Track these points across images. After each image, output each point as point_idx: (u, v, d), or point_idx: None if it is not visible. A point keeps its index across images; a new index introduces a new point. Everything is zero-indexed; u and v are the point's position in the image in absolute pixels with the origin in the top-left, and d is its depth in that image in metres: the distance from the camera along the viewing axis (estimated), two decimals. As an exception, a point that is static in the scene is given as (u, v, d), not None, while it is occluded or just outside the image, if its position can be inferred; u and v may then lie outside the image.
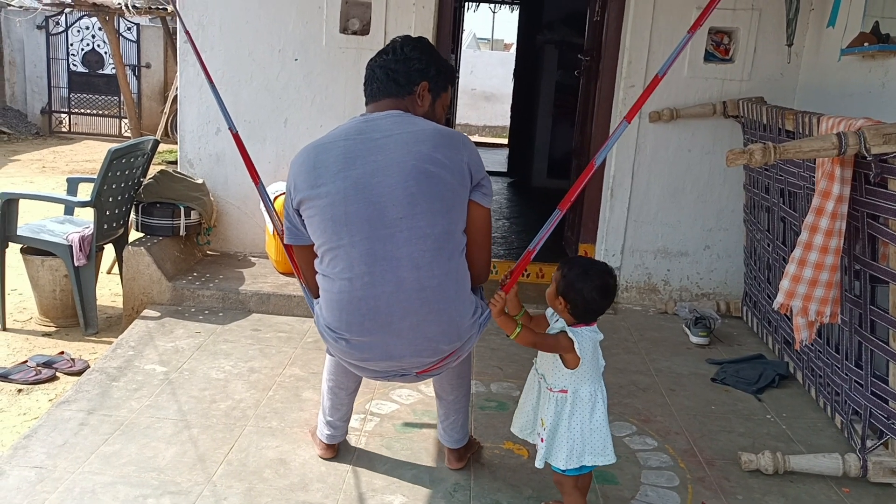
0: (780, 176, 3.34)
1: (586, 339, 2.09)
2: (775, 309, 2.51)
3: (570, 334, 2.08)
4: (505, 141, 11.77)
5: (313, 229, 2.13)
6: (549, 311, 2.21)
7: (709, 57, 4.16)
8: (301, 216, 2.16)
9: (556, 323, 2.13)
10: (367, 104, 2.27)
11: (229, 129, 2.59)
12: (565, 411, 2.11)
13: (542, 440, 2.15)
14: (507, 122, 10.66)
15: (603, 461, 2.14)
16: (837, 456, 2.64)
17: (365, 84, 2.26)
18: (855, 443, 2.74)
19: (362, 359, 2.19)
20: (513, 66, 9.44)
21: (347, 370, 2.40)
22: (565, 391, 2.12)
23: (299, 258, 2.30)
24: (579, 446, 2.11)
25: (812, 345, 3.12)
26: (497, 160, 9.64)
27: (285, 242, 2.29)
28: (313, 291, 2.29)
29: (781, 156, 2.37)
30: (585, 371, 2.11)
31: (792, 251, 3.29)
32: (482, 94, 14.86)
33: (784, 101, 4.05)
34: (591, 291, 2.08)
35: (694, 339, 3.88)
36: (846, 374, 2.83)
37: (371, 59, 2.27)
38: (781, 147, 2.37)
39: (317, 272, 2.20)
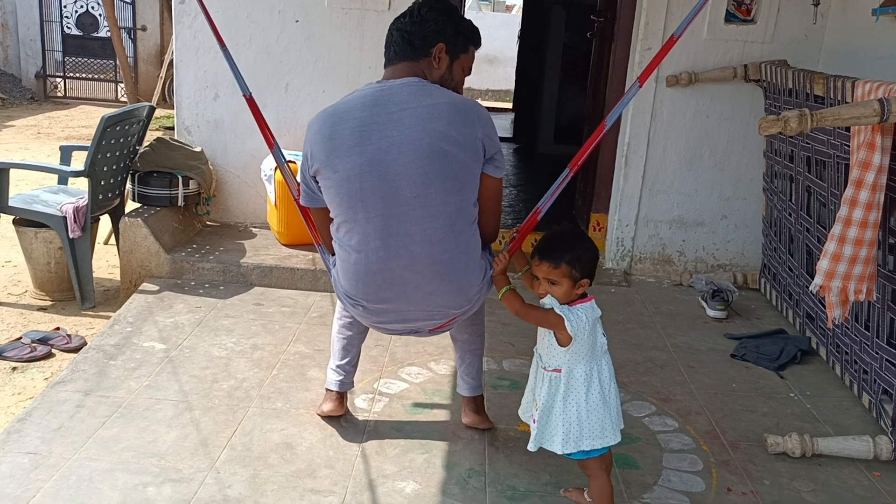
0: (807, 143, 3.18)
1: (581, 317, 1.98)
2: (813, 292, 2.37)
3: (559, 311, 1.98)
4: (509, 105, 11.53)
5: (329, 200, 2.16)
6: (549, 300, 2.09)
7: (729, 17, 3.96)
8: (317, 181, 2.18)
9: (546, 299, 2.03)
10: (385, 67, 2.23)
11: (244, 94, 2.55)
12: (559, 392, 2.03)
13: (533, 421, 2.07)
14: (511, 86, 10.43)
15: (602, 443, 2.04)
16: (868, 438, 2.53)
17: (384, 48, 2.23)
18: (885, 423, 2.63)
19: (378, 321, 2.30)
20: (517, 29, 9.18)
21: None
22: (559, 370, 2.03)
23: (316, 219, 2.34)
24: (576, 429, 2.02)
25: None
26: (501, 125, 9.42)
27: (301, 204, 2.32)
28: (330, 249, 2.34)
29: (819, 123, 2.21)
30: (580, 350, 2.01)
31: (818, 223, 3.18)
32: (485, 57, 14.53)
33: (808, 64, 3.86)
34: (591, 249, 2.04)
35: (711, 313, 3.75)
36: (876, 352, 2.70)
37: (391, 24, 2.22)
38: (819, 114, 2.21)
39: (332, 238, 2.26)
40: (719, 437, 2.65)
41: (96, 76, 11.62)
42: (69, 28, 11.71)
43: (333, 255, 2.30)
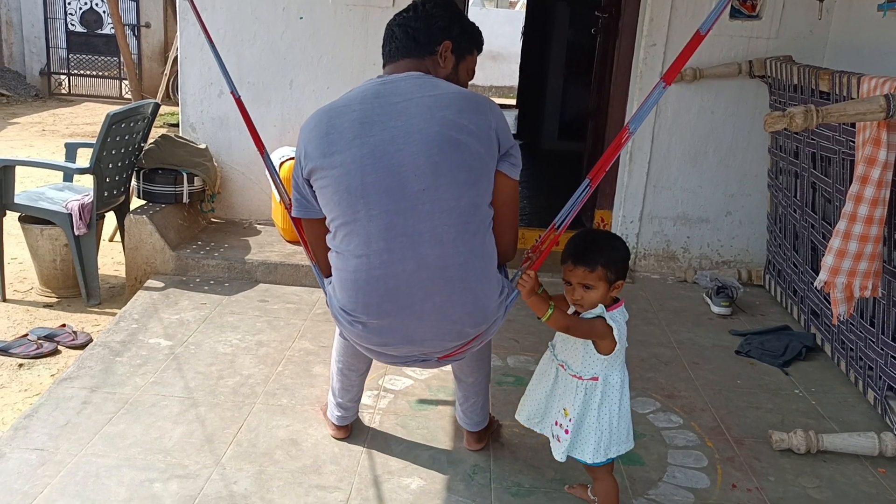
0: (812, 140, 3.17)
1: (621, 322, 1.94)
2: (818, 288, 2.37)
3: (610, 321, 1.91)
4: (512, 102, 11.52)
5: (325, 201, 1.95)
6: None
7: (735, 13, 3.95)
8: (311, 187, 1.98)
9: (597, 309, 1.94)
10: (384, 66, 2.09)
11: (231, 92, 2.42)
12: (594, 400, 1.97)
13: (566, 432, 2.01)
14: (515, 83, 10.44)
15: (626, 448, 2.04)
16: (873, 435, 2.53)
17: (383, 45, 2.09)
18: (891, 420, 2.63)
19: (380, 343, 2.03)
20: (520, 25, 9.18)
21: (357, 351, 2.25)
22: (596, 378, 1.97)
23: (309, 233, 2.12)
24: (607, 438, 1.99)
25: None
26: (505, 122, 9.41)
27: (293, 216, 2.11)
28: (325, 270, 2.13)
29: (824, 119, 2.21)
30: (618, 357, 1.97)
31: (823, 219, 3.17)
32: (489, 54, 14.47)
33: (813, 60, 3.86)
34: (624, 249, 1.99)
35: (716, 310, 3.75)
36: (881, 349, 2.70)
37: (390, 20, 2.09)
38: (824, 110, 2.21)
39: (329, 249, 2.04)
40: (724, 433, 2.65)
41: (100, 73, 11.64)
42: (73, 25, 11.72)
43: (328, 276, 2.09)
